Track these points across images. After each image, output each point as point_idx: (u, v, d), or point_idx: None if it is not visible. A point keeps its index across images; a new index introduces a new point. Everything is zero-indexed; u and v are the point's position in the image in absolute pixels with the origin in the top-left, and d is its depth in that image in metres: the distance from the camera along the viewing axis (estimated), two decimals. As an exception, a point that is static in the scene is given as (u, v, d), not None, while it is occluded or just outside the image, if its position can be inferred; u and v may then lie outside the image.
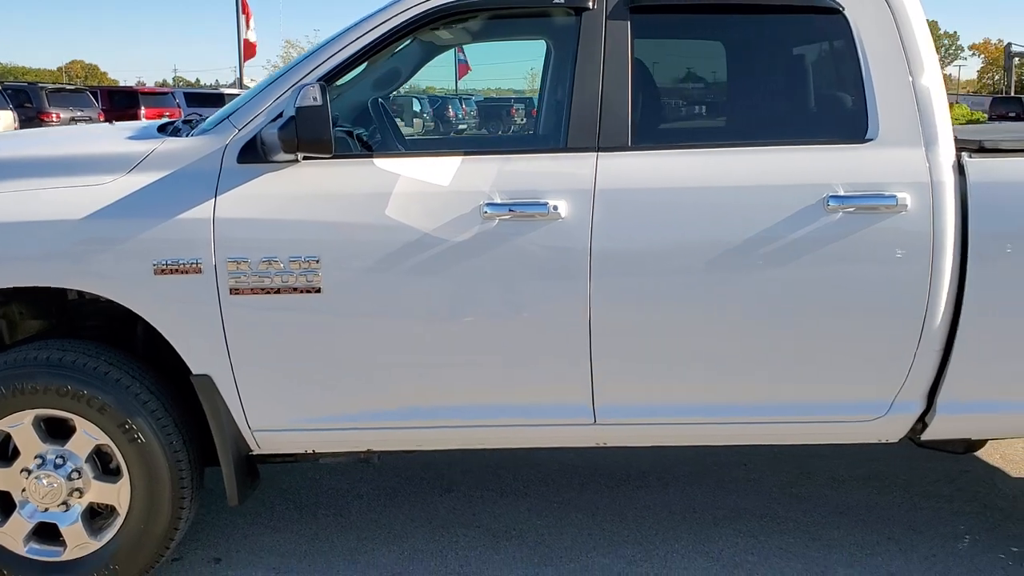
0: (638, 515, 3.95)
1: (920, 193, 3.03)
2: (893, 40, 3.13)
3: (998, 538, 3.76)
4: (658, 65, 3.42)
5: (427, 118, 16.90)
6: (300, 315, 3.04)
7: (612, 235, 3.04)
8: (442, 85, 27.10)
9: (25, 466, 3.14)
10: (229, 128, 3.11)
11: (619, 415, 3.22)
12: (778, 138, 3.16)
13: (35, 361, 3.11)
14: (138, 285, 3.01)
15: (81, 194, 3.02)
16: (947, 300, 3.08)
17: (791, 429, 3.29)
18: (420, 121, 10.44)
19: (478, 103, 22.74)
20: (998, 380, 3.21)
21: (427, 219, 3.02)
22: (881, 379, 3.17)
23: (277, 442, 3.25)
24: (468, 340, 3.10)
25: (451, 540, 3.73)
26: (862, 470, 4.41)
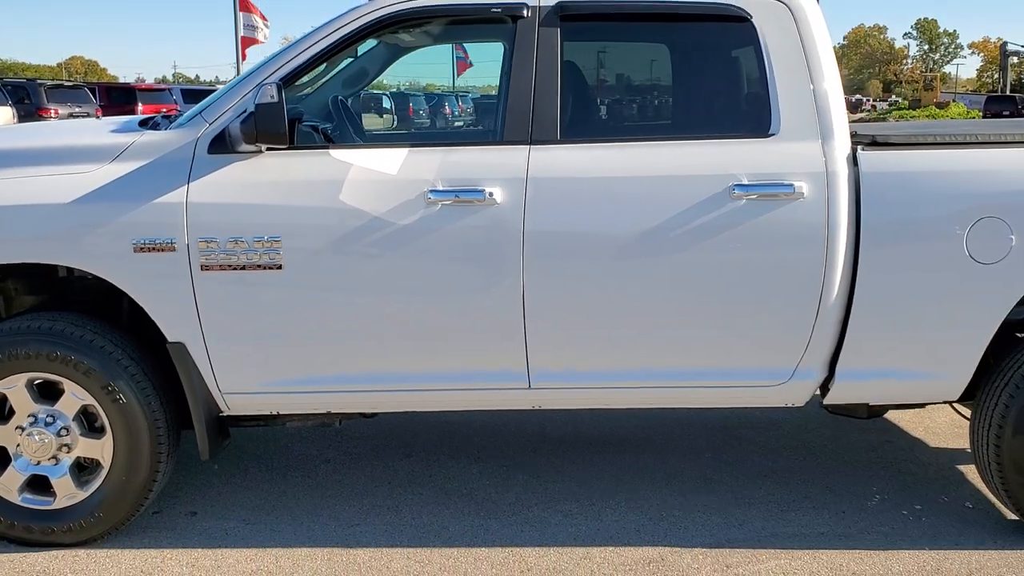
0: (579, 477, 4.32)
1: (816, 182, 3.41)
2: (795, 47, 3.51)
3: (905, 498, 4.14)
4: (586, 67, 3.80)
5: (398, 115, 17.57)
6: (263, 289, 3.42)
7: (542, 219, 3.42)
8: (443, 82, 27.49)
9: (19, 424, 3.52)
10: (201, 122, 3.49)
11: (551, 380, 3.60)
12: (691, 133, 3.55)
13: (28, 330, 3.49)
14: (119, 262, 3.38)
15: (69, 180, 3.40)
16: (842, 279, 3.46)
17: (706, 393, 3.67)
18: (390, 117, 10.85)
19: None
20: (890, 351, 3.59)
21: (377, 203, 3.40)
22: (784, 349, 3.55)
23: (244, 404, 3.62)
24: (414, 313, 3.48)
25: (407, 498, 4.11)
26: (792, 441, 4.80)
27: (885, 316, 3.52)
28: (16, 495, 3.57)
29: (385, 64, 4.65)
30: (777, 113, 3.47)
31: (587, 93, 3.82)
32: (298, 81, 3.62)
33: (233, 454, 4.52)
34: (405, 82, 25.05)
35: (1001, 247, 3.44)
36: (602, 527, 3.84)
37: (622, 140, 3.56)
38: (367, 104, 4.51)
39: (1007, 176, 3.46)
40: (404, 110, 20.55)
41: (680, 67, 3.83)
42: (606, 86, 4.08)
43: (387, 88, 23.21)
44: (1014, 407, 3.57)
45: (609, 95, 4.10)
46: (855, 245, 3.45)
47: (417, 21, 3.68)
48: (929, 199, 3.46)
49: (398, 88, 23.18)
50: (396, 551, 3.62)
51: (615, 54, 4.04)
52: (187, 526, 3.84)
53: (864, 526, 3.87)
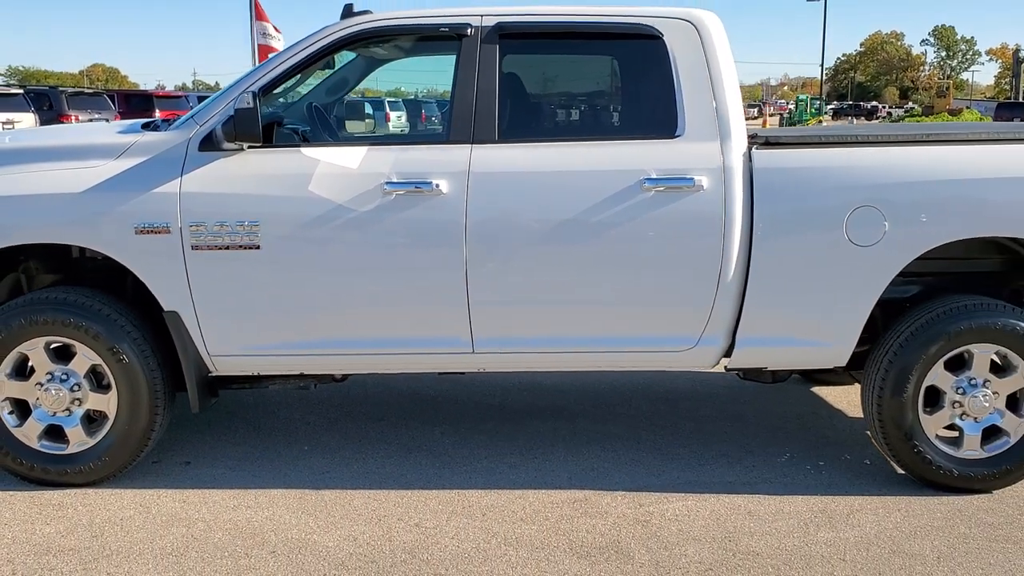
0: (528, 439, 4.92)
1: (715, 176, 4.01)
2: (700, 61, 4.11)
3: (812, 456, 4.72)
4: (521, 77, 4.39)
5: (376, 119, 19.27)
6: (244, 266, 4.03)
7: (482, 207, 4.02)
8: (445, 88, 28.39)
9: (38, 381, 4.15)
10: (193, 125, 4.12)
11: (491, 345, 4.20)
12: (610, 134, 4.17)
13: (46, 301, 4.13)
14: (123, 243, 4.01)
15: (81, 174, 4.03)
16: (738, 260, 4.05)
17: (625, 357, 4.26)
18: (371, 121, 11.47)
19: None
20: (782, 322, 4.17)
21: (341, 193, 4.01)
22: (690, 320, 4.15)
23: (229, 365, 4.24)
24: (373, 287, 4.09)
25: (374, 452, 4.72)
26: (723, 411, 5.38)
27: (777, 292, 4.11)
28: (35, 442, 4.19)
29: (363, 74, 5.26)
30: (683, 117, 4.07)
31: (522, 99, 4.42)
32: (277, 89, 4.23)
33: (225, 417, 5.15)
34: (423, 89, 26.34)
35: (876, 232, 4.02)
36: (540, 475, 4.43)
37: (551, 140, 4.16)
38: (351, 110, 5.11)
39: (881, 170, 4.04)
40: (383, 117, 22.55)
41: (602, 77, 4.44)
42: (539, 93, 4.67)
43: (404, 95, 24.50)
44: (892, 371, 4.14)
45: (541, 101, 4.69)
46: (749, 230, 4.04)
47: (378, 38, 4.30)
48: (813, 190, 4.05)
49: (415, 95, 24.37)
50: (358, 492, 4.23)
51: (547, 66, 4.63)
52: (181, 472, 4.46)
53: (769, 477, 4.45)
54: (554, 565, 3.57)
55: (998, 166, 4.02)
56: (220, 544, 3.73)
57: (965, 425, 4.24)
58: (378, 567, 3.55)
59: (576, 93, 4.63)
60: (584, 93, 4.61)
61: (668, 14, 4.12)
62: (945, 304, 4.17)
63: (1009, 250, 4.37)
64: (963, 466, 4.22)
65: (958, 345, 4.13)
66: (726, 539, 3.79)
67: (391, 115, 26.79)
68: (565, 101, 4.72)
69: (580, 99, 4.61)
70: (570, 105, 4.65)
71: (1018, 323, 4.11)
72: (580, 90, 4.62)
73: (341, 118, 5.01)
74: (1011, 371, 4.19)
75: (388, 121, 25.83)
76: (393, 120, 26.37)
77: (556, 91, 4.77)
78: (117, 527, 3.87)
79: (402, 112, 26.30)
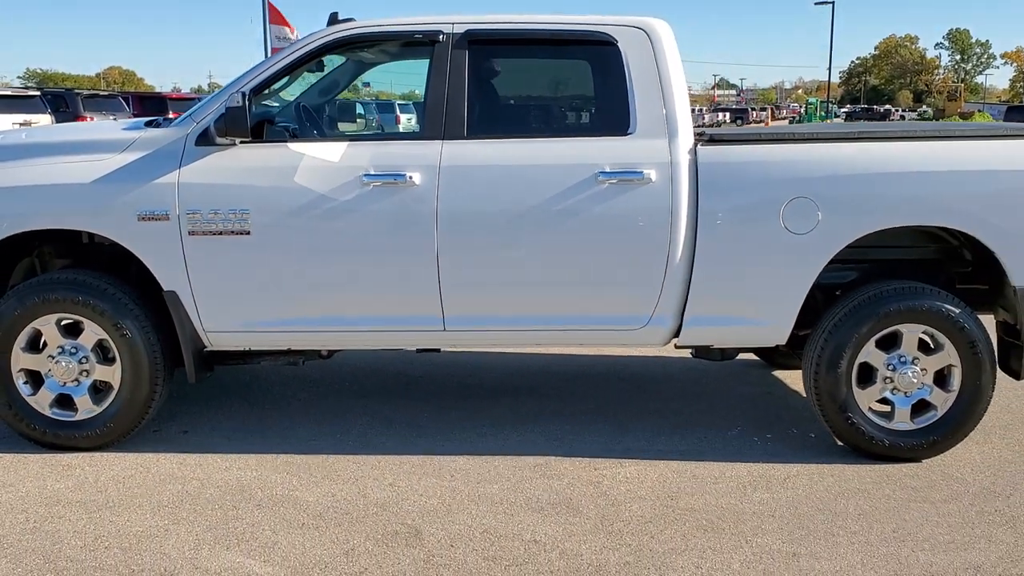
0: (500, 412, 5.32)
1: (663, 170, 4.41)
2: (651, 66, 4.51)
3: (760, 430, 5.11)
4: (488, 79, 4.80)
5: (370, 119, 20.39)
6: (236, 250, 4.45)
7: (451, 197, 4.44)
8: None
9: (50, 353, 4.59)
10: (190, 122, 4.55)
11: (461, 324, 4.61)
12: (568, 132, 4.59)
13: (58, 281, 4.56)
14: (127, 228, 4.44)
15: (90, 166, 4.46)
16: (684, 246, 4.45)
17: (583, 335, 4.67)
18: (363, 121, 12.00)
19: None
20: (726, 303, 4.57)
21: (323, 184, 4.43)
22: (640, 301, 4.55)
23: (223, 340, 4.67)
24: (353, 270, 4.50)
25: (357, 424, 5.14)
26: (686, 392, 5.78)
27: (720, 276, 4.51)
28: (47, 409, 4.63)
29: (353, 76, 5.69)
30: (635, 116, 4.47)
31: (489, 99, 4.82)
32: (268, 90, 4.65)
33: (222, 394, 5.59)
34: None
35: (810, 221, 4.42)
36: (508, 443, 4.85)
37: (516, 137, 4.56)
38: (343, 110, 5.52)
39: (815, 165, 4.43)
40: (393, 119, 23.97)
41: (563, 79, 4.86)
42: (504, 94, 5.06)
43: (416, 98, 25.53)
44: (827, 349, 4.54)
45: (507, 101, 5.09)
46: (694, 219, 4.44)
47: (360, 44, 4.72)
48: (753, 182, 4.45)
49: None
50: (339, 457, 4.65)
51: (512, 69, 5.03)
52: (180, 439, 4.90)
53: (718, 447, 4.85)
54: (510, 518, 3.97)
55: (920, 161, 4.41)
56: (211, 498, 4.15)
57: (896, 399, 4.62)
58: (352, 518, 3.96)
59: (538, 94, 5.05)
60: (546, 94, 5.03)
61: (622, 22, 4.53)
62: (876, 288, 4.55)
63: (943, 239, 4.75)
64: (894, 437, 4.60)
65: (888, 325, 4.52)
66: (668, 498, 4.19)
67: (401, 117, 27.90)
68: (528, 101, 5.13)
69: (542, 99, 5.03)
70: (533, 105, 5.07)
71: (944, 305, 4.49)
72: (542, 91, 5.04)
73: (333, 117, 5.42)
74: (939, 350, 4.57)
75: (398, 123, 26.84)
76: (403, 122, 27.19)
77: (520, 92, 5.17)
78: (119, 484, 4.29)
79: (412, 115, 27.21)
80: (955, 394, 4.58)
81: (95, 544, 3.71)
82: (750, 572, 3.53)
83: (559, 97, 4.98)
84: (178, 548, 3.68)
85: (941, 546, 3.76)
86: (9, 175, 4.45)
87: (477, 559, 3.61)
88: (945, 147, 4.47)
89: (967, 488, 4.33)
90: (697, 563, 3.59)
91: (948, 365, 4.58)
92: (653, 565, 3.58)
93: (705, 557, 3.64)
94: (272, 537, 3.78)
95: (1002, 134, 4.57)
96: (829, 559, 3.64)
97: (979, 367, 4.52)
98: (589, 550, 3.69)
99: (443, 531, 3.85)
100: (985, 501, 4.19)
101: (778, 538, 3.81)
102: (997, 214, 4.42)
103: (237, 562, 3.57)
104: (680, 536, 3.82)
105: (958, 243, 4.73)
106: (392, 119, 27.23)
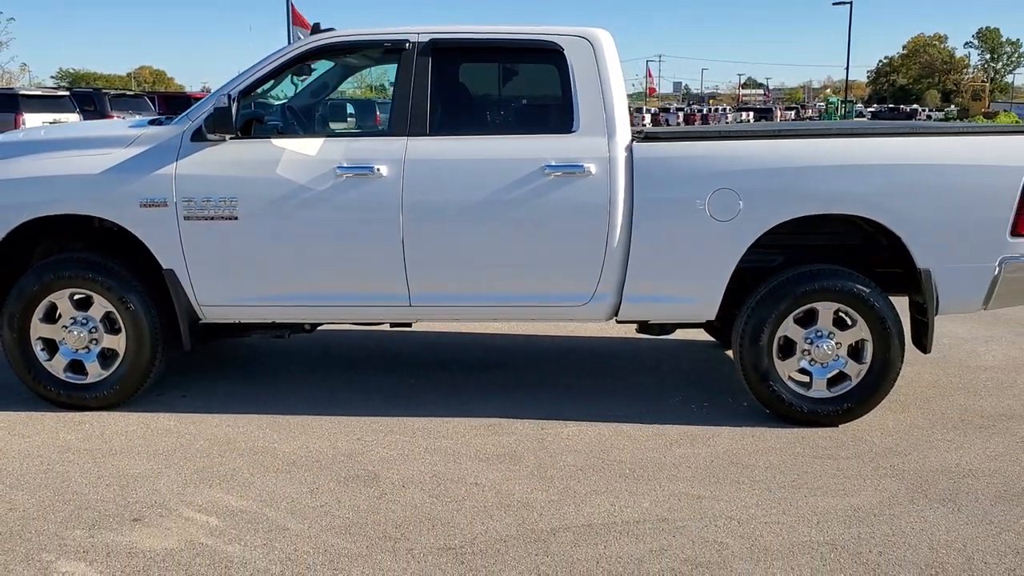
0: (468, 384, 5.91)
1: (602, 165, 4.98)
2: (593, 71, 5.09)
3: (700, 399, 5.66)
4: (449, 82, 5.39)
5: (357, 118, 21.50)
6: (225, 233, 5.07)
7: (415, 188, 5.03)
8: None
9: (64, 324, 5.23)
10: (187, 120, 5.17)
11: (424, 301, 5.20)
12: (520, 130, 5.16)
13: (71, 261, 5.20)
14: (131, 214, 5.07)
15: (98, 159, 5.09)
16: (622, 231, 5.01)
17: (534, 311, 5.24)
18: (353, 119, 12.66)
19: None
20: (660, 282, 5.13)
21: (302, 175, 5.04)
22: (583, 280, 5.11)
23: (216, 314, 5.29)
24: (328, 251, 5.10)
25: (338, 392, 5.74)
26: (641, 367, 6.35)
27: (654, 258, 5.07)
28: (62, 373, 5.28)
29: (340, 80, 6.31)
30: (578, 117, 5.05)
31: (450, 100, 5.39)
32: (256, 91, 5.26)
33: (219, 367, 6.23)
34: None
35: (732, 210, 4.97)
36: (468, 407, 5.44)
37: (473, 134, 5.15)
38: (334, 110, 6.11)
39: (737, 160, 4.98)
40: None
41: (514, 83, 5.45)
42: (463, 95, 5.63)
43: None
44: (750, 324, 5.10)
45: (466, 102, 5.66)
46: (630, 207, 5.01)
47: (338, 51, 5.34)
48: (682, 176, 5.01)
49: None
50: (316, 417, 5.26)
51: (470, 73, 5.62)
52: (178, 402, 5.53)
53: (657, 412, 5.41)
54: (458, 466, 4.57)
55: (830, 156, 4.95)
56: (200, 448, 4.78)
57: (814, 370, 5.17)
58: (320, 464, 4.57)
59: (494, 95, 5.64)
60: (500, 95, 5.63)
61: (568, 32, 5.11)
62: (794, 270, 5.11)
63: (862, 227, 5.29)
64: (812, 404, 5.16)
65: (804, 303, 5.07)
66: (601, 451, 4.77)
67: (380, 117, 28.89)
68: (484, 102, 5.72)
69: (497, 100, 5.62)
70: (488, 105, 5.65)
71: (855, 286, 5.04)
72: (497, 93, 5.64)
73: (317, 116, 6.02)
74: (852, 326, 5.12)
75: (378, 122, 27.85)
76: (383, 121, 28.01)
77: (477, 93, 5.75)
78: (122, 436, 4.93)
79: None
80: (867, 366, 5.11)
81: (97, 482, 4.33)
82: (657, 509, 4.10)
83: (512, 98, 5.58)
84: (168, 486, 4.30)
85: (831, 492, 4.31)
86: (29, 167, 5.10)
87: (423, 496, 4.21)
88: (854, 143, 5.02)
89: (871, 448, 4.87)
90: (612, 502, 4.17)
91: (861, 339, 5.11)
92: (574, 503, 4.15)
93: (620, 498, 4.22)
94: (249, 478, 4.39)
95: (907, 132, 5.12)
96: (728, 501, 4.20)
97: (888, 341, 5.05)
98: (521, 490, 4.28)
99: (398, 475, 4.44)
100: (883, 458, 4.72)
101: (688, 484, 4.38)
102: (902, 204, 4.95)
103: (217, 497, 4.18)
104: (603, 481, 4.40)
105: (873, 230, 5.25)
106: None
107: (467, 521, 3.95)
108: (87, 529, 3.85)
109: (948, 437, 5.03)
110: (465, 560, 3.61)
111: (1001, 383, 6.04)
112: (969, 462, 4.68)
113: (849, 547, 3.75)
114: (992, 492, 4.30)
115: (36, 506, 4.07)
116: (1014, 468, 4.59)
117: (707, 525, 3.94)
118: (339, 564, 3.58)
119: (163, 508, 4.06)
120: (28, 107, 21.26)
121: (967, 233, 4.97)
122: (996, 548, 3.75)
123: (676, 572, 3.54)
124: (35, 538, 3.76)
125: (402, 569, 3.54)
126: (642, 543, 3.76)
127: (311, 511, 4.03)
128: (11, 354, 5.25)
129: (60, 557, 3.61)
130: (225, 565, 3.56)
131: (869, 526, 3.94)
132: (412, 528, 3.88)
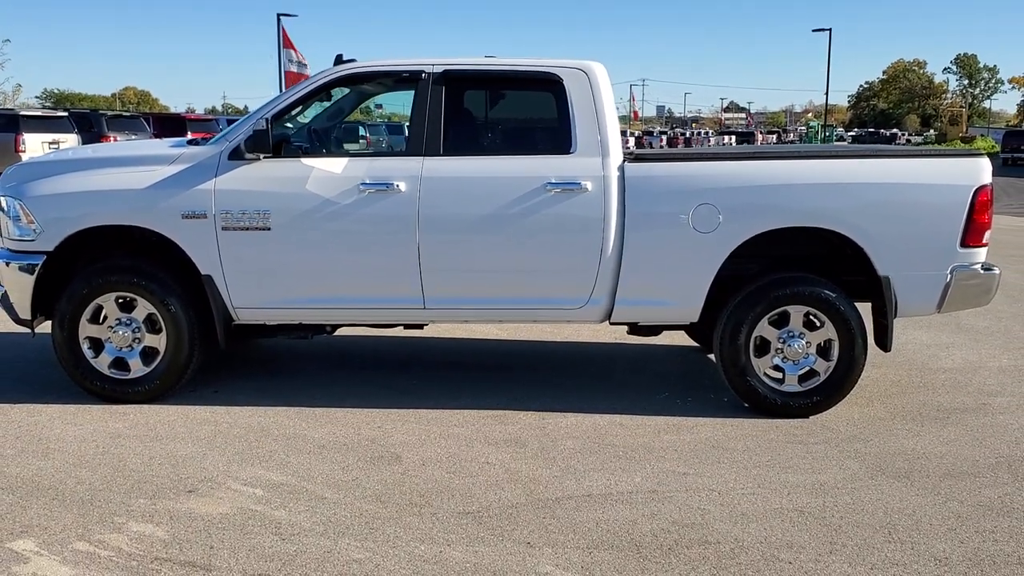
0: (475, 381, 6.49)
1: (597, 182, 5.59)
2: (589, 99, 5.71)
3: (684, 394, 6.25)
4: (461, 108, 6.01)
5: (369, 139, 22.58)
6: (259, 243, 5.64)
7: (430, 203, 5.62)
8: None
9: (109, 324, 5.79)
10: (224, 141, 5.76)
11: (438, 303, 5.78)
12: (524, 151, 5.76)
13: (117, 266, 5.76)
14: (173, 225, 5.63)
15: (144, 176, 5.66)
16: (615, 243, 5.61)
17: (536, 313, 5.83)
18: (364, 140, 13.30)
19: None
20: (649, 288, 5.73)
21: (329, 190, 5.63)
22: (579, 286, 5.71)
23: (248, 315, 5.86)
24: (351, 259, 5.68)
25: (355, 387, 6.29)
26: (633, 367, 6.94)
27: (643, 266, 5.66)
28: (107, 369, 5.83)
29: (355, 105, 6.92)
30: (575, 139, 5.66)
31: (461, 124, 6.00)
32: (286, 116, 5.86)
33: (248, 366, 6.78)
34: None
35: (713, 223, 5.58)
36: (475, 401, 6.02)
37: (481, 154, 5.76)
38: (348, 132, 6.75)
39: (717, 178, 5.60)
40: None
41: (519, 109, 6.07)
42: (474, 119, 6.25)
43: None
44: (729, 325, 5.70)
45: (475, 125, 6.28)
46: (622, 220, 5.61)
47: (360, 80, 5.93)
48: (668, 192, 5.62)
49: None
50: (341, 409, 5.81)
51: (480, 100, 6.25)
52: (211, 396, 6.09)
53: (645, 405, 6.00)
54: (470, 448, 5.14)
55: (801, 176, 5.58)
56: (238, 435, 5.33)
57: (787, 366, 5.78)
58: (347, 448, 5.14)
59: (500, 120, 6.26)
60: (506, 120, 6.25)
61: (567, 64, 5.73)
62: (769, 277, 5.72)
63: (829, 240, 5.90)
64: (785, 397, 5.76)
65: (778, 307, 5.68)
66: (597, 437, 5.35)
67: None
68: (492, 126, 6.33)
69: (503, 124, 6.24)
70: (496, 129, 6.27)
71: (823, 291, 5.65)
72: (503, 118, 6.26)
73: (340, 138, 6.62)
74: (821, 327, 5.73)
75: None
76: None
77: (486, 118, 6.38)
78: (165, 425, 5.48)
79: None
80: (834, 363, 5.72)
81: (150, 462, 4.88)
82: (648, 483, 4.68)
83: (516, 123, 6.21)
84: (214, 464, 4.86)
85: (800, 470, 4.90)
86: (82, 182, 5.67)
87: (442, 473, 4.78)
88: (822, 164, 5.64)
89: (837, 435, 5.46)
90: (608, 477, 4.75)
91: (828, 339, 5.72)
92: (575, 477, 4.73)
93: (615, 474, 4.80)
94: (285, 459, 4.95)
95: (870, 155, 5.76)
96: (710, 477, 4.79)
97: (853, 341, 5.66)
98: (528, 468, 4.85)
99: (418, 456, 5.01)
100: (848, 444, 5.32)
101: (675, 463, 4.96)
102: (863, 219, 5.57)
103: (259, 473, 4.74)
104: (600, 460, 4.98)
105: (839, 242, 5.87)
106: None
107: (482, 492, 4.52)
108: (149, 499, 4.39)
109: (907, 427, 5.63)
110: (483, 522, 4.18)
111: (958, 382, 6.65)
112: (924, 447, 5.27)
113: (815, 513, 4.33)
114: (942, 470, 4.90)
115: (101, 480, 4.61)
116: (963, 451, 5.19)
117: (692, 495, 4.52)
118: (374, 524, 4.14)
119: (213, 482, 4.61)
120: (28, 127, 21.73)
121: (922, 245, 5.59)
122: (941, 514, 4.34)
123: (665, 532, 4.11)
124: (105, 505, 4.31)
125: (429, 528, 4.10)
126: (635, 509, 4.34)
127: (344, 484, 4.59)
128: (61, 352, 5.79)
129: (130, 520, 4.15)
130: (276, 526, 4.11)
131: (833, 497, 4.53)
132: (435, 497, 4.45)
